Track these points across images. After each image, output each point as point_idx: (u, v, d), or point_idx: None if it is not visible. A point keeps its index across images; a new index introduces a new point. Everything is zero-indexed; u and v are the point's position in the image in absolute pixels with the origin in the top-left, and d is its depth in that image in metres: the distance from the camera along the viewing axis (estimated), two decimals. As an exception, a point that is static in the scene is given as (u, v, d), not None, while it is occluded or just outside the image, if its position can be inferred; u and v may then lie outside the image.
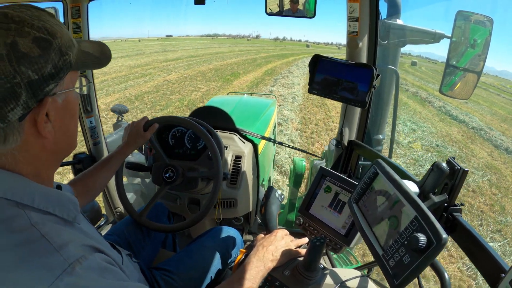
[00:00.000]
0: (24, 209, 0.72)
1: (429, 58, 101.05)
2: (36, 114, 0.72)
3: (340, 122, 2.08)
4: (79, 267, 0.67)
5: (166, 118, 1.85)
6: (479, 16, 1.84)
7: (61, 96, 0.78)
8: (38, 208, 0.74)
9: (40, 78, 0.70)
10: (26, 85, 0.68)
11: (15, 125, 0.70)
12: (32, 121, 0.73)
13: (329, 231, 1.32)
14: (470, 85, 1.92)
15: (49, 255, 0.67)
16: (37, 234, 0.69)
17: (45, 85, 0.72)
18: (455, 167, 0.98)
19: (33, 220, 0.71)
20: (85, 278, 0.67)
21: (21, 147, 0.73)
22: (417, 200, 0.80)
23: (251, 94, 6.39)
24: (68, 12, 1.98)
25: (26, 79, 0.68)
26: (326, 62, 1.72)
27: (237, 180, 2.23)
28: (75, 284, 0.65)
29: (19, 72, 0.66)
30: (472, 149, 10.09)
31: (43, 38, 0.70)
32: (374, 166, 1.01)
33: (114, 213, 2.68)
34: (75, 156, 2.37)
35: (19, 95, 0.67)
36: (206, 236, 1.73)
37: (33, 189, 0.76)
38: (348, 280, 1.17)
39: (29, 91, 0.69)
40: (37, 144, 0.76)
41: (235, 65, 28.54)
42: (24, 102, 0.69)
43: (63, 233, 0.73)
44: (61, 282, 0.64)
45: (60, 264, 0.66)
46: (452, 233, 1.03)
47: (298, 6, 1.87)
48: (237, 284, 1.05)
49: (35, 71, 0.69)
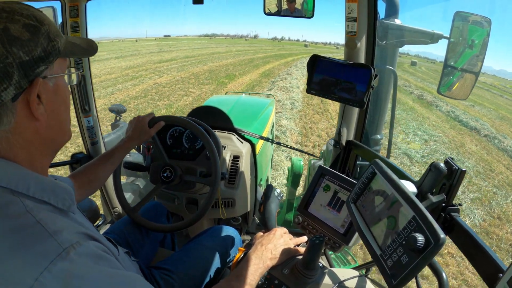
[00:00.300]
0: (19, 197, 0.73)
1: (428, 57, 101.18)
2: (28, 95, 0.75)
3: (338, 122, 2.08)
4: (73, 253, 0.68)
5: (164, 118, 1.86)
6: (477, 17, 1.85)
7: (52, 80, 0.81)
8: (33, 196, 0.76)
9: (31, 60, 0.74)
10: (18, 65, 0.72)
11: (8, 105, 0.73)
12: (25, 102, 0.75)
13: (328, 230, 1.33)
14: (468, 86, 1.92)
15: (44, 240, 0.68)
16: (32, 220, 0.70)
17: (36, 67, 0.75)
18: (453, 167, 0.99)
19: (28, 207, 0.72)
20: (79, 264, 0.68)
21: (15, 129, 0.75)
22: (415, 200, 0.80)
23: (249, 94, 6.40)
24: (66, 12, 1.98)
25: (18, 60, 0.71)
26: (325, 62, 1.72)
27: (235, 180, 2.23)
28: (69, 269, 0.66)
29: (11, 52, 0.70)
30: (489, 163, 9.05)
31: (32, 24, 0.75)
32: (372, 166, 1.01)
33: (112, 213, 2.68)
34: (73, 156, 2.36)
35: (11, 74, 0.71)
36: (205, 235, 1.73)
37: (28, 177, 0.77)
38: (346, 280, 1.18)
39: (20, 71, 0.72)
40: (30, 127, 0.78)
41: (231, 66, 27.61)
42: (17, 81, 0.72)
43: (57, 220, 0.75)
44: (54, 266, 0.65)
45: (55, 249, 0.67)
46: (450, 233, 1.03)
47: (296, 6, 1.87)
48: (235, 281, 1.05)
49: (25, 52, 0.73)
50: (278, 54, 47.55)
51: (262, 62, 32.26)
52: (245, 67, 27.23)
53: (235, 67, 26.65)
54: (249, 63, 30.81)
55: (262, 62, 32.29)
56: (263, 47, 67.93)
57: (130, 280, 0.76)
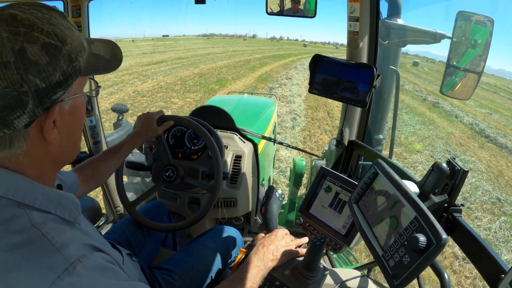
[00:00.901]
0: (25, 209, 0.71)
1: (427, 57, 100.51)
2: (42, 121, 0.72)
3: (340, 122, 2.08)
4: (80, 267, 0.67)
5: (172, 117, 1.86)
6: (479, 17, 1.84)
7: (69, 102, 0.76)
8: (39, 208, 0.74)
9: (48, 86, 0.68)
10: (33, 94, 0.66)
11: (21, 131, 0.69)
12: (38, 128, 0.72)
13: (329, 231, 1.32)
14: (471, 86, 1.92)
15: (50, 255, 0.67)
16: (38, 234, 0.68)
17: (53, 93, 0.70)
18: (455, 167, 0.98)
19: (34, 220, 0.70)
20: (86, 277, 0.67)
21: (26, 152, 0.73)
22: (417, 201, 0.80)
23: (251, 94, 6.40)
24: (68, 11, 1.98)
25: (34, 88, 0.66)
26: (327, 62, 1.72)
27: (237, 180, 2.23)
28: (76, 283, 0.65)
29: (27, 80, 0.65)
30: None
31: (52, 45, 0.68)
32: (374, 166, 1.01)
33: (114, 212, 2.69)
34: None
35: (25, 103, 0.66)
36: (207, 235, 1.73)
37: (35, 189, 0.75)
38: (348, 280, 1.17)
39: (36, 99, 0.67)
40: (41, 149, 0.76)
41: (224, 68, 25.75)
42: (31, 110, 0.67)
43: (64, 232, 0.73)
44: (61, 281, 0.64)
45: (61, 264, 0.66)
46: (452, 234, 1.02)
47: (299, 6, 1.86)
48: (237, 283, 1.05)
49: (43, 79, 0.67)
50: (276, 54, 46.12)
51: (259, 63, 30.90)
52: (240, 69, 25.47)
53: (229, 70, 24.86)
54: (245, 64, 29.28)
55: (259, 63, 30.93)
56: (261, 47, 66.26)
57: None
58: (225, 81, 19.13)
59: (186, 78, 19.72)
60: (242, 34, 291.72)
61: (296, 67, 27.77)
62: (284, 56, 43.35)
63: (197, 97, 14.60)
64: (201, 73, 22.15)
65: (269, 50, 55.99)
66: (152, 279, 1.45)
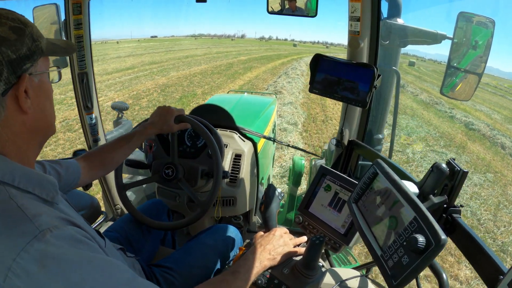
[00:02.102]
0: (4, 186, 0.79)
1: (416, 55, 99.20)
2: (16, 90, 0.81)
3: (340, 121, 2.08)
4: (50, 235, 0.71)
5: (190, 121, 1.86)
6: (481, 18, 1.84)
7: (37, 77, 0.87)
8: (18, 186, 0.81)
9: (18, 58, 0.81)
10: (7, 63, 0.78)
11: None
12: (13, 97, 0.81)
13: (328, 230, 1.33)
14: (471, 87, 1.92)
15: (22, 223, 0.72)
16: (13, 205, 0.75)
17: (22, 64, 0.82)
18: (455, 168, 0.98)
19: (11, 194, 0.77)
20: (55, 246, 0.71)
21: (4, 122, 0.81)
22: (416, 201, 0.80)
23: (251, 93, 6.39)
24: (69, 9, 1.98)
25: (7, 58, 0.78)
26: (327, 62, 1.72)
27: (236, 179, 2.24)
28: (45, 250, 0.69)
29: (1, 52, 0.77)
30: None
31: (17, 27, 0.82)
32: (374, 166, 1.01)
33: (114, 210, 2.69)
34: (75, 153, 2.37)
35: (1, 71, 0.78)
36: (206, 233, 1.74)
37: (14, 169, 0.82)
38: (346, 280, 1.17)
39: (9, 68, 0.79)
40: (18, 120, 0.84)
41: (198, 76, 20.54)
42: (6, 78, 0.78)
43: (39, 207, 0.79)
44: (31, 247, 0.69)
45: (31, 231, 0.71)
46: (451, 234, 1.03)
47: (299, 5, 1.86)
48: (230, 276, 1.07)
49: (13, 51, 0.79)
50: (264, 56, 41.23)
51: (243, 68, 26.19)
52: (217, 77, 20.59)
53: (203, 79, 19.68)
54: (226, 70, 24.72)
55: (243, 68, 26.23)
56: (249, 48, 63.02)
57: (109, 265, 0.77)
58: (191, 97, 14.21)
59: (144, 93, 14.63)
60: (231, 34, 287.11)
61: (287, 73, 22.48)
62: (273, 57, 39.02)
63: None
64: (167, 84, 17.28)
65: (256, 51, 52.48)
66: (152, 277, 1.45)
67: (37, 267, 0.68)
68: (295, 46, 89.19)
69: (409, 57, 54.62)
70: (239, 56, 38.46)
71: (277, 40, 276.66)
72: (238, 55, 39.18)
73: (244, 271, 1.09)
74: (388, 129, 2.61)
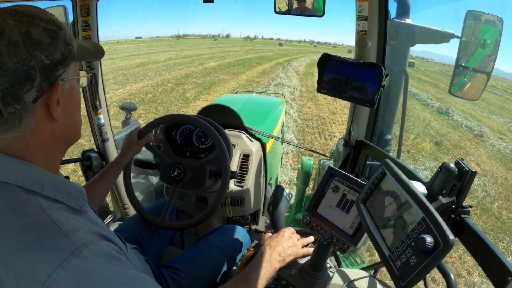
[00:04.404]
0: (34, 196, 0.76)
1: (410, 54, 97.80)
2: (48, 97, 0.78)
3: (348, 121, 2.07)
4: (86, 251, 0.71)
5: (176, 116, 1.87)
6: (489, 16, 1.82)
7: (68, 82, 0.84)
8: (47, 195, 0.78)
9: (51, 63, 0.77)
10: (40, 68, 0.74)
11: (30, 107, 0.76)
12: (44, 104, 0.78)
13: (336, 231, 1.32)
14: (480, 86, 1.90)
15: (58, 238, 0.71)
16: (46, 218, 0.73)
17: (55, 70, 0.78)
18: (463, 168, 0.98)
19: (42, 205, 0.75)
20: (92, 262, 0.70)
21: (34, 130, 0.78)
22: (424, 201, 0.80)
23: (259, 93, 6.40)
24: (77, 10, 2.00)
25: (40, 63, 0.74)
26: (335, 61, 1.72)
27: (244, 179, 2.24)
28: (82, 266, 0.69)
29: (34, 56, 0.73)
30: None
31: (51, 29, 0.78)
32: (382, 167, 1.01)
33: (122, 210, 2.70)
34: (84, 153, 2.39)
35: (34, 77, 0.74)
36: (214, 234, 1.74)
37: (43, 177, 0.80)
38: (354, 281, 1.17)
39: (42, 74, 0.75)
40: (47, 128, 0.81)
41: (115, 108, 10.53)
42: (39, 84, 0.75)
43: (71, 219, 0.77)
44: (68, 264, 0.68)
45: (68, 247, 0.70)
46: (460, 235, 1.02)
47: (306, 4, 1.86)
48: (243, 284, 1.06)
49: (47, 56, 0.76)
50: (241, 60, 32.70)
51: (201, 84, 18.02)
52: (143, 110, 12.33)
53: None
54: (171, 91, 16.03)
55: (203, 84, 18.04)
56: (228, 48, 55.31)
57: (140, 281, 0.78)
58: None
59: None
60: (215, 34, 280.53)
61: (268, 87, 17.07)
62: (252, 62, 30.65)
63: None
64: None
65: (235, 53, 43.91)
66: (160, 277, 1.46)
67: (73, 283, 0.67)
68: (281, 46, 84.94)
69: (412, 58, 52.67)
70: (208, 61, 30.43)
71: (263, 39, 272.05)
72: (209, 60, 31.78)
73: (256, 277, 1.08)
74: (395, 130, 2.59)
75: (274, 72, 23.62)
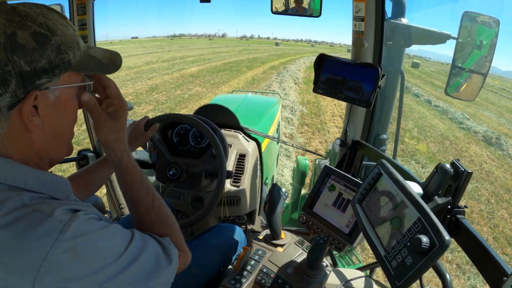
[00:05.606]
0: (16, 191, 0.74)
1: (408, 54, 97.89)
2: (22, 106, 0.74)
3: (344, 121, 2.08)
4: (74, 224, 0.72)
5: (171, 116, 1.86)
6: (485, 17, 1.83)
7: (54, 92, 0.79)
8: (31, 190, 0.77)
9: (32, 71, 0.72)
10: (17, 74, 0.70)
11: (3, 111, 0.72)
12: (19, 112, 0.74)
13: (332, 230, 1.33)
14: (476, 87, 1.91)
15: (43, 222, 0.70)
16: (29, 210, 0.72)
17: (36, 78, 0.73)
18: (459, 169, 0.98)
19: (24, 201, 0.73)
20: (82, 233, 0.73)
21: (9, 134, 0.75)
22: (420, 202, 0.80)
23: (255, 93, 6.41)
24: (73, 9, 1.99)
25: (18, 69, 0.70)
26: (331, 62, 1.72)
27: (240, 179, 2.24)
28: (73, 237, 0.71)
29: (11, 61, 0.69)
30: None
31: (42, 34, 0.73)
32: (378, 167, 1.01)
33: (118, 209, 2.69)
34: (80, 153, 2.38)
35: (8, 82, 0.70)
36: (209, 233, 1.74)
37: (25, 172, 0.78)
38: (350, 280, 1.18)
39: (19, 80, 0.71)
40: (25, 137, 0.78)
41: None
42: (13, 90, 0.71)
43: (52, 203, 0.76)
44: (60, 242, 0.69)
45: (56, 227, 0.71)
46: (456, 236, 1.03)
47: (303, 5, 1.87)
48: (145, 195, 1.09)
49: (27, 62, 0.71)
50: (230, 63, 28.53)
51: (159, 107, 12.26)
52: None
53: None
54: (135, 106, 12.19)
55: (160, 108, 12.15)
56: (220, 49, 50.17)
57: (124, 231, 0.84)
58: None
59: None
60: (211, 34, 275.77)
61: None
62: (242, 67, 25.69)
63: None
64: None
65: (226, 54, 39.56)
66: None
67: (70, 257, 0.69)
68: (277, 45, 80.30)
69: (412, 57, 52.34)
70: (191, 65, 26.01)
71: (259, 38, 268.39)
72: (191, 64, 26.95)
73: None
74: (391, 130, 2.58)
75: (266, 80, 19.01)
